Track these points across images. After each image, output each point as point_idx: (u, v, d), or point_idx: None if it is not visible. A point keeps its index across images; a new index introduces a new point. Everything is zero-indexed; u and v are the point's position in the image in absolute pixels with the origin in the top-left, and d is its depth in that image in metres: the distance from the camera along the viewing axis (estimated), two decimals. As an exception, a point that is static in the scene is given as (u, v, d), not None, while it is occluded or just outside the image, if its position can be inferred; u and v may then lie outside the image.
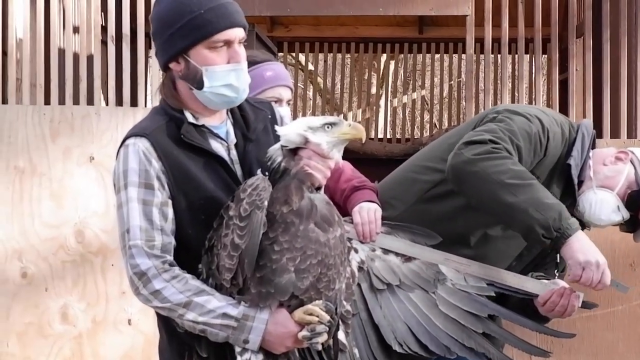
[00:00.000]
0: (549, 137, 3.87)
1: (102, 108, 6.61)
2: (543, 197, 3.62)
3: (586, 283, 3.61)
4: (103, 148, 6.31)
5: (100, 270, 6.34)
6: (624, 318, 6.07)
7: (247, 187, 3.11)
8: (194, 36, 3.20)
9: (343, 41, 11.42)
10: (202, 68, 3.21)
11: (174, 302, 3.13)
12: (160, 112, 3.32)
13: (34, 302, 6.36)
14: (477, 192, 3.72)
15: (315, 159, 3.18)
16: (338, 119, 3.20)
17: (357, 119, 12.42)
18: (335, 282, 3.20)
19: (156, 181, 3.18)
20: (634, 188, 3.94)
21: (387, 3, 6.77)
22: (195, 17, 3.18)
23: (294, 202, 3.10)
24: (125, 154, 3.22)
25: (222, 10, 3.20)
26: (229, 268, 3.11)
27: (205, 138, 3.27)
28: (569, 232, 3.58)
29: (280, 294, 3.10)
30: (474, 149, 3.69)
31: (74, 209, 6.35)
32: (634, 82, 6.56)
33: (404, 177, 4.13)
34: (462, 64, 10.78)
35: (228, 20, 3.20)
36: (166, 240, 3.19)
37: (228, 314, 3.11)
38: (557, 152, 3.94)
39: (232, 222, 3.10)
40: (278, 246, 3.09)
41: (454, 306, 3.64)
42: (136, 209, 3.18)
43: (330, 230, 3.16)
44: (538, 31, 6.67)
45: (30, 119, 6.39)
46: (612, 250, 5.97)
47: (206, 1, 3.19)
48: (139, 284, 3.16)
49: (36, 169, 6.38)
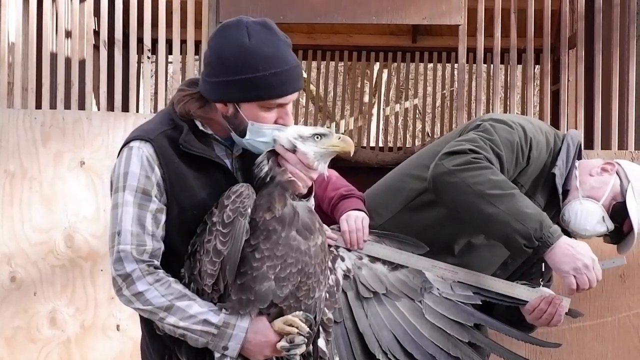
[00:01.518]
0: (531, 145, 3.87)
1: (94, 113, 6.59)
2: (523, 207, 3.63)
3: (584, 287, 3.62)
4: (94, 153, 6.29)
5: (90, 276, 6.32)
6: (613, 329, 6.06)
7: (231, 194, 3.13)
8: (251, 95, 3.16)
9: (337, 49, 11.41)
10: (249, 122, 3.20)
11: (156, 305, 3.16)
12: (167, 116, 3.31)
13: (23, 306, 6.33)
14: (457, 203, 3.73)
15: (299, 167, 3.20)
16: (328, 131, 3.22)
17: (349, 127, 12.42)
18: (315, 290, 3.22)
19: (155, 188, 3.21)
20: (619, 199, 3.94)
21: (380, 12, 6.77)
22: (259, 77, 3.13)
23: (277, 209, 3.13)
24: (129, 156, 3.23)
25: (286, 76, 3.16)
26: (210, 274, 3.13)
27: (209, 144, 3.27)
28: (550, 240, 3.58)
29: (259, 302, 3.13)
30: (454, 159, 3.69)
31: (64, 213, 6.33)
32: (626, 93, 6.57)
33: (390, 185, 4.14)
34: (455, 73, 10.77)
35: (290, 87, 3.18)
36: (156, 246, 3.22)
37: (209, 320, 3.14)
38: (542, 161, 3.94)
39: (215, 228, 3.12)
40: (259, 254, 3.11)
41: (440, 315, 3.64)
42: (130, 213, 3.20)
43: (311, 238, 3.19)
44: (530, 42, 6.68)
45: (22, 123, 6.38)
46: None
47: (273, 62, 3.14)
48: (122, 285, 3.19)
49: (27, 173, 6.36)
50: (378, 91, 12.83)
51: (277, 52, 3.16)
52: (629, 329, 6.08)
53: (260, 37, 3.15)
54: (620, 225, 3.97)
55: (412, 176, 4.07)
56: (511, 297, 3.73)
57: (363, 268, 3.69)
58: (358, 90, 13.09)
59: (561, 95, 6.70)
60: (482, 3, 6.70)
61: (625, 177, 3.98)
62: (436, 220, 3.94)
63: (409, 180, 4.07)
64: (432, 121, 13.87)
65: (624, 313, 6.04)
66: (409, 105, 12.36)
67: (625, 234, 4.01)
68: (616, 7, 6.61)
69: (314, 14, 6.83)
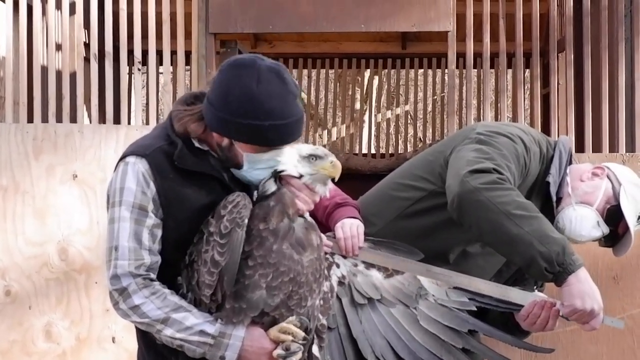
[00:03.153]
0: (531, 157, 3.88)
1: (85, 126, 6.60)
2: (548, 230, 3.61)
3: (574, 320, 3.63)
4: (86, 166, 6.29)
5: (84, 288, 6.32)
6: (608, 331, 6.07)
7: (227, 204, 3.15)
8: (247, 138, 3.20)
9: (327, 57, 11.42)
10: (244, 153, 3.24)
11: (153, 317, 3.18)
12: (163, 132, 3.33)
13: (18, 319, 6.34)
14: (482, 221, 3.68)
15: (304, 192, 3.26)
16: (324, 153, 3.27)
17: (341, 134, 12.42)
18: (307, 299, 3.24)
19: (152, 204, 3.23)
20: (613, 203, 3.95)
21: (369, 19, 6.78)
22: (257, 125, 3.14)
23: (272, 222, 3.15)
24: (125, 172, 3.24)
25: (285, 129, 3.18)
26: (208, 284, 3.15)
27: (204, 157, 3.29)
28: (572, 268, 3.56)
29: (251, 310, 3.15)
30: (479, 177, 3.66)
31: (57, 226, 6.34)
32: (615, 96, 6.59)
33: (383, 193, 4.14)
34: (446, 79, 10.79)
35: (288, 138, 3.21)
36: (153, 260, 3.24)
37: (205, 331, 3.16)
38: (536, 170, 3.95)
39: (213, 238, 3.13)
40: (252, 261, 3.14)
41: (435, 321, 3.65)
42: (127, 228, 3.21)
43: (304, 254, 3.20)
44: (519, 46, 6.70)
45: (13, 136, 6.38)
46: (595, 264, 5.98)
47: (275, 114, 3.15)
48: (119, 299, 3.20)
49: (19, 186, 6.36)
50: (369, 98, 12.84)
51: (281, 105, 3.16)
52: (623, 330, 6.08)
53: (268, 86, 3.15)
54: (615, 228, 3.99)
55: (405, 185, 4.07)
56: (506, 302, 3.73)
57: (358, 275, 3.70)
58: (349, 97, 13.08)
59: (551, 99, 6.71)
60: (470, 9, 6.71)
61: (617, 180, 3.99)
62: (430, 229, 3.94)
63: (401, 189, 4.07)
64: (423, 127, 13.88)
65: (618, 315, 6.05)
66: (400, 112, 12.37)
67: (621, 236, 4.02)
68: (604, 10, 6.64)
69: (303, 23, 6.84)
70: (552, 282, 3.62)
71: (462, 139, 3.97)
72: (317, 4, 6.80)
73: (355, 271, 3.70)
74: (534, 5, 6.70)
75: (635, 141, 6.55)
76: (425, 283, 3.71)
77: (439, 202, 3.88)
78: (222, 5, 6.72)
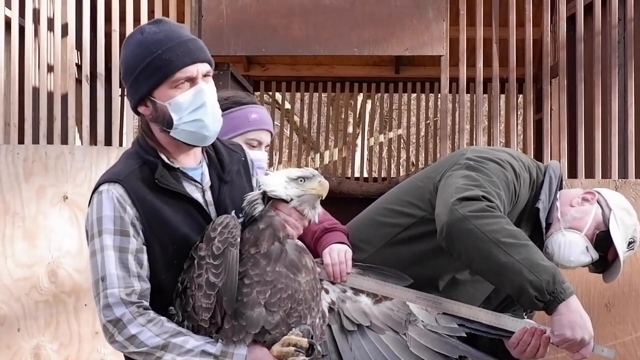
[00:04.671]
0: (520, 183, 3.86)
1: (76, 147, 6.58)
2: (538, 259, 3.57)
3: (566, 350, 3.61)
4: (77, 187, 6.28)
5: (74, 311, 6.30)
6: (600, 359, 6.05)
7: (217, 226, 3.12)
8: (155, 77, 3.19)
9: (320, 80, 11.44)
10: (166, 103, 3.20)
11: (151, 345, 3.11)
12: (134, 156, 3.29)
13: (6, 342, 6.30)
14: (471, 250, 3.64)
15: (294, 216, 3.23)
16: (312, 174, 3.24)
17: (333, 158, 12.43)
18: (306, 317, 3.20)
19: (131, 228, 3.16)
20: (602, 229, 3.92)
21: (362, 43, 6.79)
22: (155, 58, 3.17)
23: (263, 246, 3.12)
24: (99, 201, 3.19)
25: (181, 48, 3.19)
26: (206, 308, 3.10)
27: (179, 181, 3.25)
28: (562, 296, 3.53)
29: (251, 327, 3.10)
30: (468, 205, 3.62)
31: (47, 248, 6.31)
32: (608, 122, 6.59)
33: (371, 220, 4.10)
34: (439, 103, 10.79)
35: (188, 57, 3.19)
36: (144, 287, 3.17)
37: (207, 351, 3.10)
38: (526, 196, 3.92)
39: (205, 261, 3.10)
40: (248, 279, 3.10)
41: (425, 347, 3.62)
42: (112, 256, 3.14)
43: (299, 275, 3.17)
44: (513, 71, 6.71)
45: (4, 158, 6.36)
46: (588, 291, 5.97)
47: (165, 40, 3.19)
48: (114, 331, 3.13)
49: (9, 208, 6.34)
50: (362, 122, 12.86)
51: (168, 33, 3.21)
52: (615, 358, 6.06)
53: (151, 30, 3.23)
54: (605, 253, 3.96)
55: (393, 211, 4.03)
56: (496, 329, 3.70)
57: (347, 301, 3.67)
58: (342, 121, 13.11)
59: (544, 124, 6.72)
60: (464, 33, 6.72)
61: (607, 206, 3.97)
62: (419, 255, 3.90)
63: (390, 214, 4.03)
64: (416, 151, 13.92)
65: (610, 342, 6.03)
66: (393, 136, 12.38)
67: (611, 262, 3.99)
68: (597, 36, 6.65)
69: (296, 46, 6.85)
70: (543, 310, 3.60)
71: (451, 164, 3.94)
72: (309, 28, 6.81)
73: (344, 297, 3.68)
74: (527, 30, 6.71)
75: (628, 167, 6.55)
76: (414, 309, 3.68)
77: (428, 229, 3.84)
78: (214, 28, 6.72)
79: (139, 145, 3.30)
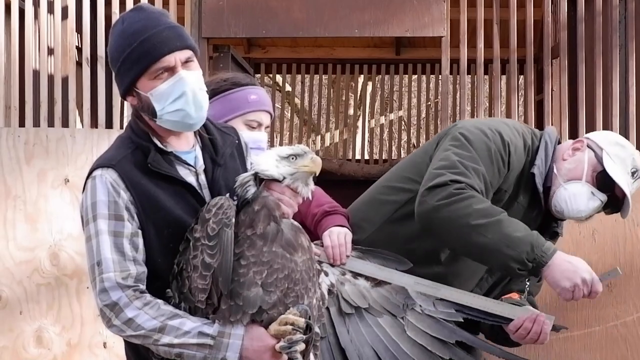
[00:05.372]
0: (509, 151, 3.85)
1: (77, 130, 6.58)
2: (512, 232, 3.60)
3: (579, 299, 3.62)
4: (78, 170, 6.27)
5: (75, 293, 6.30)
6: (601, 339, 6.07)
7: (211, 207, 3.13)
8: (135, 69, 3.20)
9: (320, 62, 11.42)
10: (148, 94, 3.21)
11: (148, 328, 3.11)
12: (126, 140, 3.30)
13: (9, 325, 6.31)
14: (446, 237, 3.72)
15: (288, 194, 3.22)
16: (303, 151, 3.23)
17: (334, 140, 12.43)
18: (303, 297, 3.20)
19: (125, 212, 3.16)
20: (599, 169, 3.92)
21: (363, 25, 6.78)
22: (133, 50, 3.18)
23: (259, 227, 3.12)
24: (93, 186, 3.19)
25: (157, 38, 3.19)
26: (202, 288, 3.10)
27: (172, 165, 3.26)
28: (544, 259, 3.56)
29: (248, 307, 3.09)
30: (436, 194, 3.65)
31: (49, 231, 6.31)
32: (609, 103, 6.59)
33: (372, 198, 4.11)
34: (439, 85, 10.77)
35: (165, 47, 3.19)
36: (140, 270, 3.17)
37: (204, 332, 3.10)
38: (521, 163, 3.92)
39: (200, 243, 3.10)
40: (245, 260, 3.10)
41: (422, 332, 3.63)
42: (107, 241, 3.14)
43: (295, 255, 3.18)
44: (513, 52, 6.69)
45: (5, 141, 6.36)
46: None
47: (142, 31, 3.20)
48: (111, 315, 3.13)
49: (10, 191, 6.34)
50: (363, 103, 12.84)
51: (145, 22, 3.21)
52: (617, 338, 6.08)
53: (131, 19, 3.24)
54: (612, 192, 3.95)
55: (393, 188, 4.03)
56: (494, 315, 3.71)
57: (346, 283, 3.67)
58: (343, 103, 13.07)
59: (545, 105, 6.71)
60: (464, 14, 6.71)
61: (597, 146, 3.95)
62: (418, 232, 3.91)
63: (390, 192, 4.04)
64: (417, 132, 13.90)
65: (612, 322, 6.04)
66: (393, 117, 12.38)
67: (622, 199, 3.97)
68: (598, 16, 6.63)
69: (296, 28, 6.84)
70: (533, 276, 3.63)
71: (444, 134, 3.96)
72: (310, 10, 6.79)
73: (343, 280, 3.68)
74: (528, 11, 6.69)
75: (629, 148, 6.54)
76: (412, 293, 3.69)
77: None
78: (215, 10, 6.71)
79: (132, 129, 3.31)
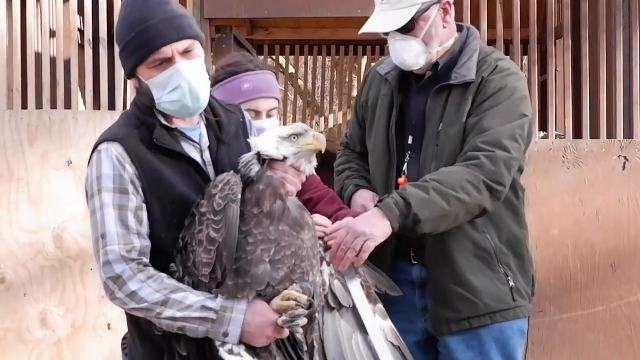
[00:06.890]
0: (367, 86, 4.47)
1: (80, 112, 6.57)
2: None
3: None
4: (81, 152, 6.27)
5: (79, 275, 6.31)
6: (605, 319, 6.07)
7: (217, 183, 3.15)
8: (134, 57, 3.25)
9: (323, 43, 11.41)
10: (147, 82, 3.26)
11: (151, 301, 3.13)
12: (132, 116, 3.34)
13: (13, 307, 6.32)
14: None
15: (291, 172, 3.26)
16: (304, 130, 3.25)
17: (338, 121, 12.41)
18: (309, 274, 3.23)
19: (130, 186, 3.19)
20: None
21: (365, 5, 6.69)
22: (133, 38, 3.22)
23: (265, 205, 3.13)
24: (98, 160, 3.22)
25: (153, 30, 3.21)
26: (206, 262, 3.12)
27: (177, 141, 3.28)
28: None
29: (256, 284, 3.12)
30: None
31: (52, 213, 6.31)
32: (613, 82, 6.57)
33: None
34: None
35: (162, 39, 3.22)
36: (144, 244, 3.20)
37: (206, 305, 3.12)
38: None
39: (206, 217, 3.12)
40: (252, 238, 3.12)
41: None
42: (111, 214, 3.17)
43: (302, 232, 3.18)
44: (517, 32, 6.68)
45: (7, 123, 6.35)
46: (593, 252, 5.97)
47: (142, 20, 3.22)
48: (114, 288, 3.15)
49: (13, 173, 6.34)
50: (366, 85, 12.79)
51: (143, 14, 3.23)
52: (621, 318, 6.08)
53: (132, 7, 3.27)
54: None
55: None
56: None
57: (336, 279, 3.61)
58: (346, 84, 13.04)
59: (549, 85, 6.71)
60: (467, -6, 6.69)
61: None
62: None
63: None
64: (420, 114, 13.83)
65: (615, 302, 6.04)
66: (397, 98, 12.32)
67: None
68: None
69: (298, 8, 6.83)
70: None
71: None
72: (312, -11, 6.78)
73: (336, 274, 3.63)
74: (531, -9, 6.67)
75: (633, 127, 6.54)
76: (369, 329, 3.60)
77: None
78: (217, -9, 6.69)
79: (136, 106, 3.34)
